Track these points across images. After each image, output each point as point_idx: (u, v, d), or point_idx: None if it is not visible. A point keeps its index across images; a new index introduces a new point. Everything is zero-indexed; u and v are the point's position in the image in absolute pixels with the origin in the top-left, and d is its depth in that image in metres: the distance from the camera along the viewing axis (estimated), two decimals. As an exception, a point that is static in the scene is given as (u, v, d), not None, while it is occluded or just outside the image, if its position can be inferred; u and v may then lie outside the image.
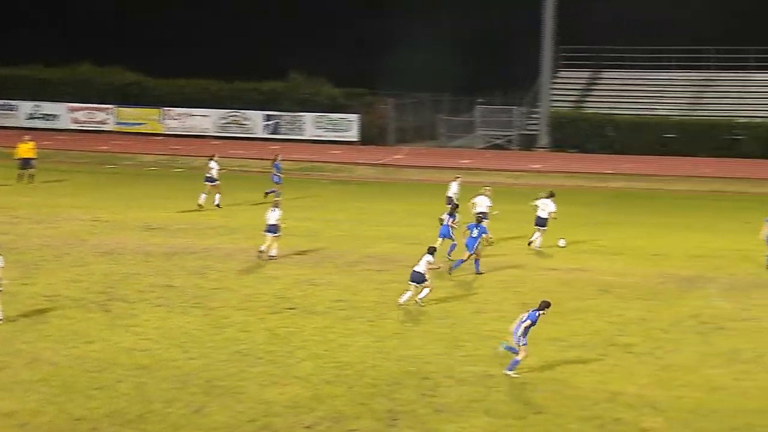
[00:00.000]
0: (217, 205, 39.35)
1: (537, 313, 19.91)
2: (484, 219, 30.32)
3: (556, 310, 24.02)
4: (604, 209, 43.29)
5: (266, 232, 29.99)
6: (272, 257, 29.94)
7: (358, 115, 64.82)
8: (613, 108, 64.92)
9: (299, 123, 65.39)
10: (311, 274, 28.30)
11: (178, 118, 67.40)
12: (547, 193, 33.21)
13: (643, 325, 24.09)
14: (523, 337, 19.77)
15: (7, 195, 41.94)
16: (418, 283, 24.88)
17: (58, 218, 36.34)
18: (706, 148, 59.84)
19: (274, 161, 42.87)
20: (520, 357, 19.83)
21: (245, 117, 66.45)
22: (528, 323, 19.78)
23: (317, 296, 25.94)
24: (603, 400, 18.76)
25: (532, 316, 19.85)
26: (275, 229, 29.98)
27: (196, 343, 21.56)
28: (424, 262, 24.90)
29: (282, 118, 65.74)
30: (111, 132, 67.04)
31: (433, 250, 25.49)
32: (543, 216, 32.54)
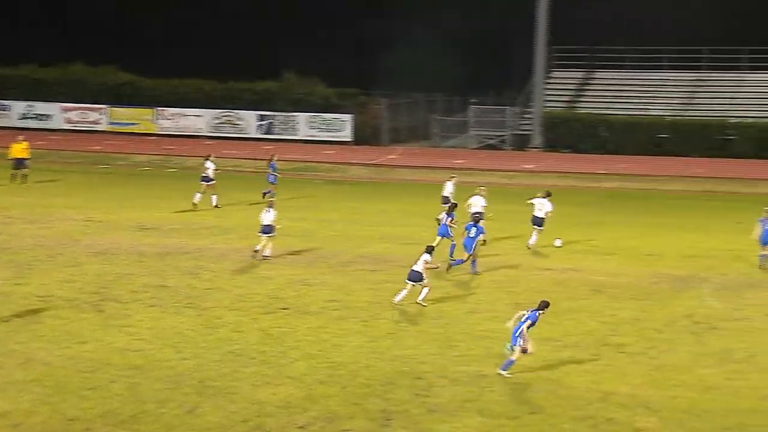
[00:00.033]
0: (216, 206, 39.33)
1: (537, 313, 19.94)
2: (481, 219, 30.33)
3: (549, 310, 24.10)
4: (597, 209, 43.32)
5: (261, 233, 30.01)
6: (266, 257, 29.92)
7: (351, 115, 64.87)
8: (606, 108, 65.04)
9: (293, 123, 65.41)
10: (304, 274, 28.29)
11: (171, 118, 67.39)
12: (544, 193, 33.27)
13: (636, 325, 24.12)
14: (521, 337, 19.80)
15: (0, 195, 41.90)
16: (416, 282, 24.89)
17: (52, 218, 36.29)
18: (699, 149, 60.04)
19: (270, 161, 42.85)
20: (514, 357, 19.85)
21: (239, 117, 66.46)
22: (529, 323, 19.81)
23: (310, 296, 25.92)
24: (596, 400, 18.77)
25: (532, 317, 19.88)
26: (270, 230, 29.99)
27: (189, 344, 21.55)
28: (421, 262, 24.92)
29: (275, 118, 65.76)
30: (104, 132, 67.05)
31: (431, 249, 25.48)
32: (540, 215, 32.62)
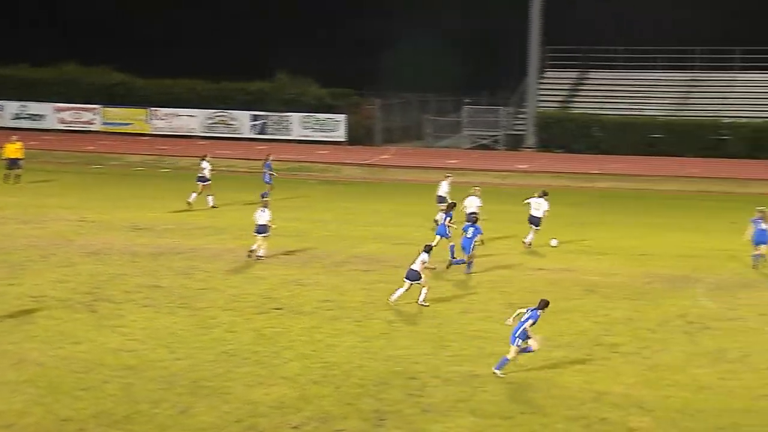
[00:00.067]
0: (213, 206, 39.26)
1: (538, 312, 19.98)
2: (477, 219, 30.37)
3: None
4: (591, 209, 43.35)
5: (256, 233, 30.01)
6: (259, 258, 29.91)
7: (344, 116, 64.84)
8: (600, 108, 65.05)
9: (286, 123, 65.38)
10: (298, 275, 28.28)
11: (164, 118, 67.33)
12: (540, 192, 33.35)
13: (629, 324, 24.13)
14: (521, 337, 19.84)
15: (-7, 195, 41.91)
16: (414, 282, 24.88)
17: (45, 218, 36.23)
18: (693, 149, 60.12)
19: (266, 161, 42.78)
20: (509, 356, 19.88)
21: (232, 117, 66.42)
22: (531, 322, 19.86)
23: (304, 296, 25.91)
24: (589, 400, 18.78)
25: (534, 315, 19.92)
26: (264, 230, 29.99)
27: (182, 344, 21.53)
28: (419, 261, 24.91)
29: (269, 118, 65.73)
30: (97, 132, 66.97)
31: (429, 248, 25.43)
32: (537, 215, 32.74)
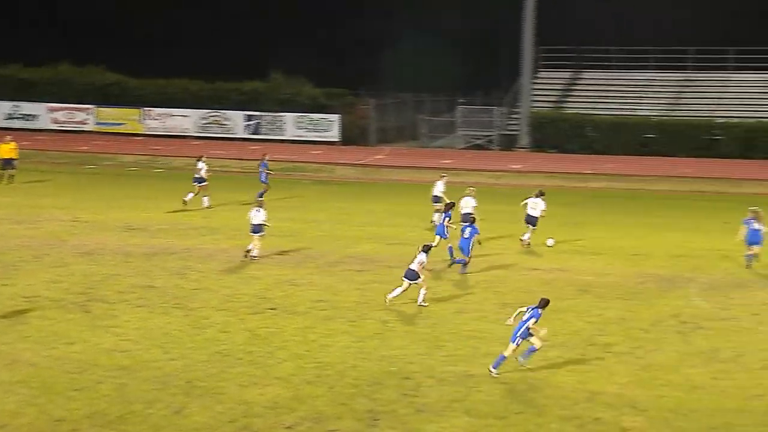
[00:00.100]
0: (208, 207, 39.16)
1: (539, 311, 20.04)
2: (475, 219, 30.45)
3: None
4: (584, 209, 43.37)
5: (252, 233, 30.05)
6: (254, 258, 29.91)
7: (339, 116, 64.82)
8: (593, 108, 65.08)
9: (280, 123, 65.34)
10: (292, 275, 28.28)
11: (158, 118, 67.25)
12: (537, 192, 33.45)
13: (622, 324, 24.17)
14: (521, 337, 19.90)
15: (-14, 195, 41.85)
16: (412, 281, 24.90)
17: (39, 219, 36.19)
18: (686, 149, 60.20)
19: (262, 160, 42.77)
20: (507, 353, 19.93)
21: (226, 117, 66.36)
22: (533, 321, 19.92)
23: (298, 296, 25.92)
24: (583, 400, 18.81)
25: (535, 314, 19.99)
26: (259, 229, 30.01)
27: (176, 344, 21.53)
28: (417, 262, 24.91)
29: (263, 119, 65.68)
30: (91, 132, 66.87)
31: (428, 248, 25.36)
32: (534, 215, 32.86)
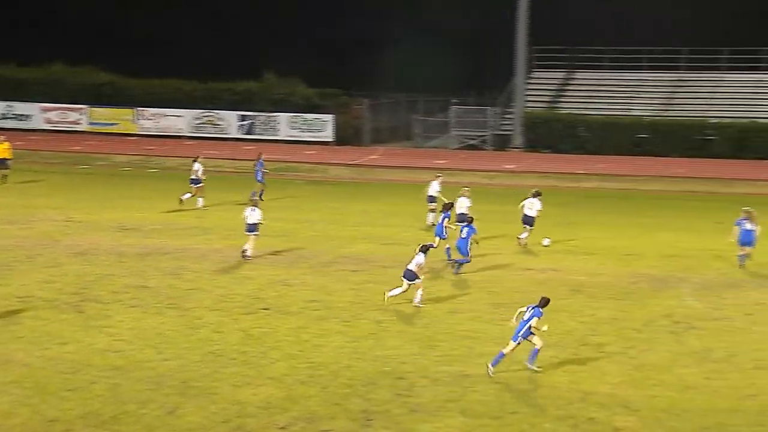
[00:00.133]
0: (203, 207, 39.12)
1: (540, 310, 20.11)
2: (468, 219, 30.50)
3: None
4: (577, 209, 43.39)
5: (247, 232, 30.06)
6: (247, 257, 29.90)
7: (332, 116, 64.79)
8: (586, 108, 65.16)
9: (274, 123, 65.31)
10: (285, 275, 28.28)
11: (152, 118, 67.20)
12: (534, 192, 33.53)
13: (615, 324, 24.20)
14: (523, 336, 19.98)
15: (-21, 196, 41.78)
16: (410, 281, 24.92)
17: (32, 219, 36.15)
18: (679, 149, 60.31)
19: (258, 159, 42.75)
20: (506, 351, 20.02)
21: (219, 117, 66.32)
22: (535, 320, 19.99)
23: (291, 297, 25.92)
24: (576, 400, 18.85)
25: (536, 313, 20.05)
26: (254, 229, 30.03)
27: (170, 344, 21.52)
28: (415, 262, 24.93)
29: (256, 119, 65.65)
30: (84, 132, 66.79)
31: (426, 249, 25.33)
32: (530, 215, 32.99)
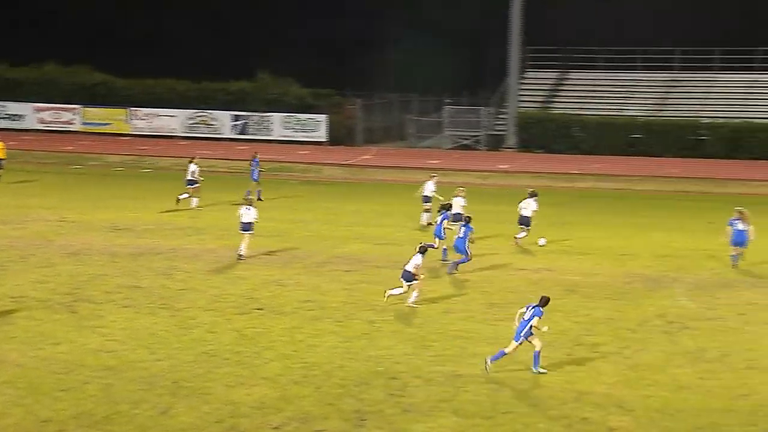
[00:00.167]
0: (197, 208, 39.08)
1: (541, 309, 20.15)
2: (461, 219, 30.50)
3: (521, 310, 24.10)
4: (571, 209, 43.40)
5: (242, 231, 30.03)
6: (241, 257, 29.88)
7: (326, 116, 64.79)
8: (580, 108, 65.22)
9: (267, 123, 65.30)
10: (279, 275, 28.25)
11: (145, 118, 67.14)
12: (530, 193, 33.61)
13: (610, 324, 24.21)
14: (524, 336, 20.03)
15: (-28, 196, 41.69)
16: (408, 282, 24.91)
17: (25, 219, 36.09)
18: (672, 149, 60.43)
19: (253, 158, 42.70)
20: (507, 350, 20.11)
21: (213, 117, 66.27)
22: (536, 320, 20.01)
23: (285, 297, 25.89)
24: (571, 400, 18.84)
25: (537, 313, 20.09)
26: (249, 227, 30.01)
27: (163, 344, 21.49)
28: (413, 263, 24.92)
29: (250, 119, 65.62)
30: (77, 132, 66.72)
31: (424, 250, 25.36)
32: (526, 215, 33.10)
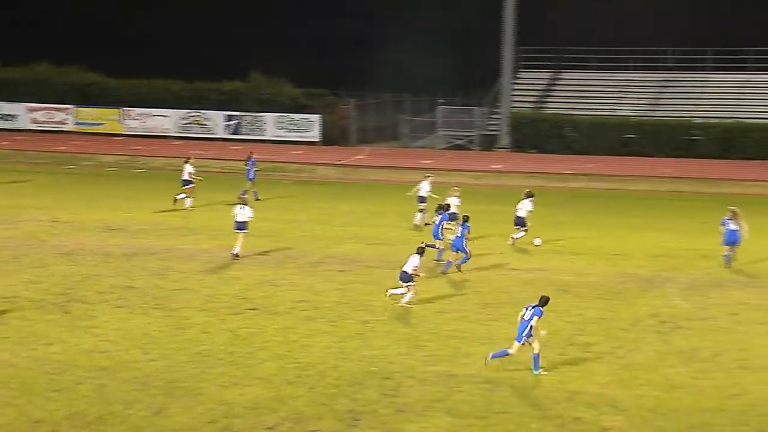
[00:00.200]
0: (190, 208, 39.05)
1: (541, 309, 20.20)
2: (456, 218, 30.55)
3: (516, 310, 24.06)
4: (564, 209, 43.41)
5: (236, 230, 30.03)
6: (236, 256, 29.88)
7: (319, 116, 64.77)
8: (573, 109, 65.26)
9: (260, 123, 65.25)
10: (273, 275, 28.26)
11: (138, 118, 67.06)
12: (526, 193, 33.70)
13: (602, 324, 24.25)
14: (526, 336, 20.05)
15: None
16: (405, 282, 24.95)
17: (18, 219, 36.05)
18: (665, 149, 60.50)
19: (249, 158, 42.67)
20: (511, 351, 20.17)
21: (206, 117, 66.21)
22: (536, 320, 20.06)
23: (279, 297, 25.90)
24: (563, 400, 18.87)
25: (537, 312, 20.15)
26: (243, 227, 30.02)
27: (156, 345, 21.48)
28: (410, 264, 24.93)
29: (243, 119, 65.57)
30: (70, 132, 66.63)
31: (422, 250, 25.42)
32: (520, 215, 33.23)
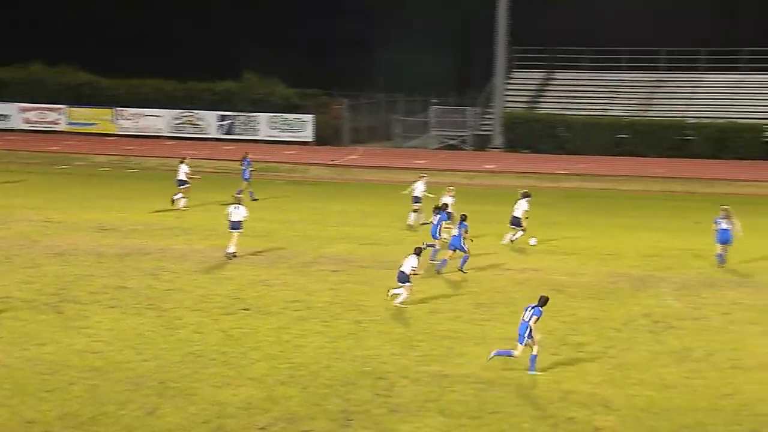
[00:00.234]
0: (184, 208, 39.00)
1: (540, 309, 20.23)
2: (466, 217, 30.63)
3: (509, 310, 24.21)
4: (557, 209, 43.44)
5: (231, 229, 30.03)
6: (231, 255, 29.86)
7: (312, 116, 64.75)
8: (566, 108, 65.32)
9: (253, 123, 65.20)
10: (265, 275, 28.24)
11: (131, 118, 66.99)
12: (523, 194, 33.74)
13: (595, 324, 24.27)
14: (529, 337, 20.09)
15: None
16: (402, 283, 24.96)
17: (10, 219, 35.99)
18: (658, 149, 60.59)
19: (244, 158, 42.65)
20: (516, 353, 20.20)
21: (199, 117, 66.15)
22: (535, 318, 20.11)
23: (271, 297, 25.89)
24: (556, 399, 18.89)
25: (536, 312, 20.19)
26: (238, 226, 30.02)
27: (149, 345, 21.46)
28: (408, 265, 24.93)
29: (236, 119, 65.52)
30: (63, 132, 66.54)
31: (419, 251, 25.45)
32: (516, 215, 33.33)
